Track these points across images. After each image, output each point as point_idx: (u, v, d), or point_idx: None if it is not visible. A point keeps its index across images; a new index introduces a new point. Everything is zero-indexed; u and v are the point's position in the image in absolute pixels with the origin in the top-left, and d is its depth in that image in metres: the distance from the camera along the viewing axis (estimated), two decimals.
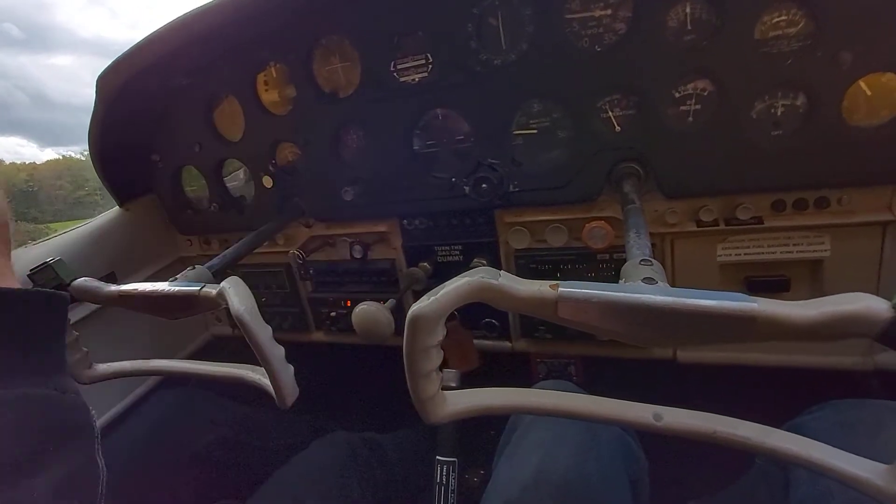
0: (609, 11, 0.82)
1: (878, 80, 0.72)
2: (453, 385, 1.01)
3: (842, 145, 0.75)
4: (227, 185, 1.25)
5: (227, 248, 0.96)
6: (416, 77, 0.96)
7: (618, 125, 0.87)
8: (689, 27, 0.78)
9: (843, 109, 0.74)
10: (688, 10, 0.77)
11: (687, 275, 0.94)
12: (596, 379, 1.19)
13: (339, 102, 1.04)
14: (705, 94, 0.80)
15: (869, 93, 0.73)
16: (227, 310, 0.59)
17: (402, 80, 0.97)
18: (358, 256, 1.11)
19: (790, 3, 0.72)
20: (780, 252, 0.86)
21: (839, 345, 0.87)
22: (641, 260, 0.54)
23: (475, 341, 1.12)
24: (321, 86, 1.05)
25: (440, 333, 0.45)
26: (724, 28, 0.75)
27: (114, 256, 1.20)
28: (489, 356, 1.14)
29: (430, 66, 0.94)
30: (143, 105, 1.14)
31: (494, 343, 1.14)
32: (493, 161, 0.95)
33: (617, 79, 0.84)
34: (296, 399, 0.64)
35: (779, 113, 0.78)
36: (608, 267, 0.96)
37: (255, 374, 0.67)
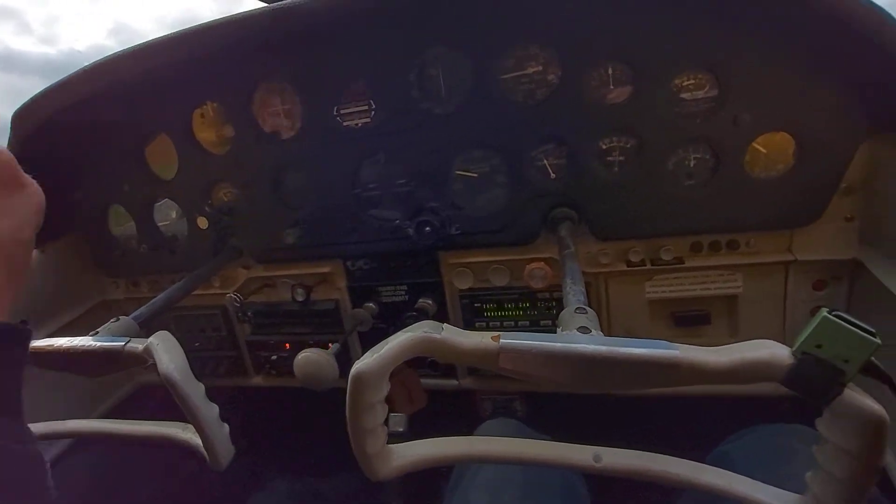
0: (540, 69, 0.88)
1: (773, 137, 0.81)
2: (400, 429, 1.00)
3: (745, 194, 0.84)
4: (158, 224, 1.19)
5: (158, 289, 0.91)
6: (359, 122, 0.97)
7: (552, 173, 0.92)
8: (611, 87, 0.85)
9: (746, 163, 0.83)
10: (609, 71, 0.84)
11: (621, 311, 0.99)
12: (540, 414, 1.21)
13: (280, 144, 1.03)
14: (628, 146, 0.87)
15: (764, 150, 0.82)
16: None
17: (346, 124, 0.98)
18: (300, 300, 1.09)
19: (698, 68, 0.81)
20: (700, 289, 0.93)
21: None
22: (577, 308, 0.56)
23: (422, 380, 1.12)
24: (262, 127, 1.04)
25: (384, 389, 0.45)
26: (641, 88, 0.83)
27: (27, 302, 1.10)
28: (436, 395, 1.13)
29: (373, 112, 0.96)
30: (65, 141, 1.07)
31: (441, 381, 1.14)
32: (434, 205, 0.97)
33: (549, 131, 0.89)
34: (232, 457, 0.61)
35: (691, 165, 0.86)
36: (548, 305, 1.00)
37: (185, 433, 0.63)
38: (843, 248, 0.84)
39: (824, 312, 0.36)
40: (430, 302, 1.05)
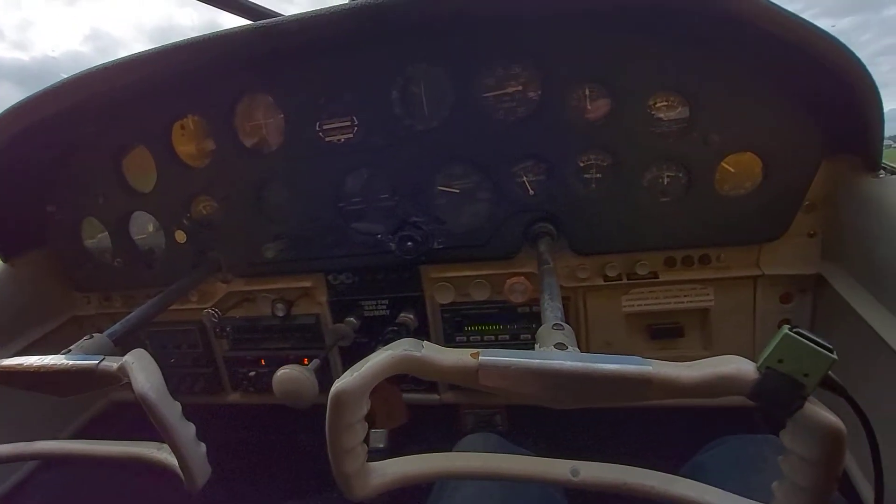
0: (520, 88, 0.90)
1: (741, 157, 0.85)
2: (381, 446, 0.99)
3: (716, 211, 0.87)
4: (134, 237, 1.17)
5: (132, 304, 0.88)
6: (342, 138, 0.98)
7: (532, 189, 0.94)
8: (589, 106, 0.88)
9: (716, 181, 0.87)
10: (587, 92, 0.87)
11: (599, 324, 1.01)
12: (521, 428, 1.22)
13: (262, 158, 1.03)
14: (605, 164, 0.90)
15: (733, 169, 0.86)
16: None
17: (328, 139, 0.99)
18: (281, 315, 1.08)
19: (670, 90, 0.85)
20: (674, 303, 0.96)
21: None
22: (554, 324, 0.58)
23: (403, 395, 1.12)
24: (243, 141, 1.04)
25: (364, 408, 0.45)
26: (618, 108, 0.86)
27: None
28: (418, 409, 1.13)
29: (356, 128, 0.97)
30: (37, 155, 1.05)
31: (423, 396, 1.14)
32: (417, 219, 0.98)
33: (528, 148, 0.91)
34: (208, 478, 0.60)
35: (665, 182, 0.89)
36: (528, 319, 1.01)
37: (160, 453, 0.61)
38: (806, 263, 0.88)
39: (786, 329, 0.38)
40: (411, 316, 1.05)
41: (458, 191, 0.97)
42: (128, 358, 0.58)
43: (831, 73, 0.70)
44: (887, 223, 0.72)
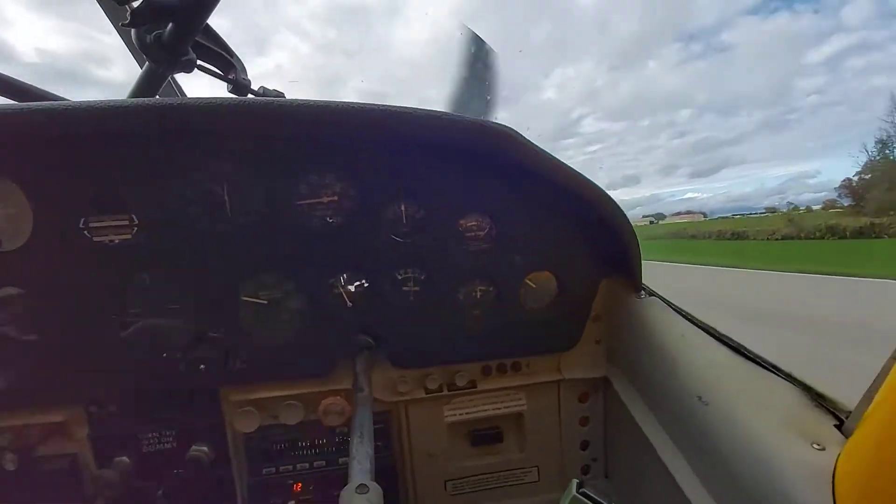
0: (336, 199, 0.86)
1: (540, 275, 0.93)
2: None
3: (523, 323, 0.94)
4: None
5: None
6: (116, 238, 0.81)
7: (349, 301, 0.89)
8: (405, 221, 0.88)
9: (521, 296, 0.93)
10: (403, 207, 0.88)
11: (422, 436, 0.98)
12: None
13: None
14: (422, 278, 0.90)
15: (534, 285, 0.94)
16: None
17: (97, 239, 0.80)
18: (11, 468, 0.80)
19: (480, 213, 0.90)
20: (492, 409, 0.98)
21: None
22: (358, 486, 0.51)
23: None
24: None
25: None
26: (432, 225, 0.88)
27: None
28: None
29: (135, 227, 0.81)
30: None
31: None
32: (215, 334, 0.84)
33: (346, 259, 0.87)
34: None
35: (478, 296, 0.92)
36: (346, 441, 0.92)
37: None
38: (596, 367, 0.99)
39: (573, 491, 0.38)
40: (205, 449, 0.87)
41: (265, 301, 0.87)
42: None
43: (598, 215, 0.82)
44: (644, 338, 0.84)
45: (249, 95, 1.05)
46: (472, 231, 0.90)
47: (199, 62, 0.89)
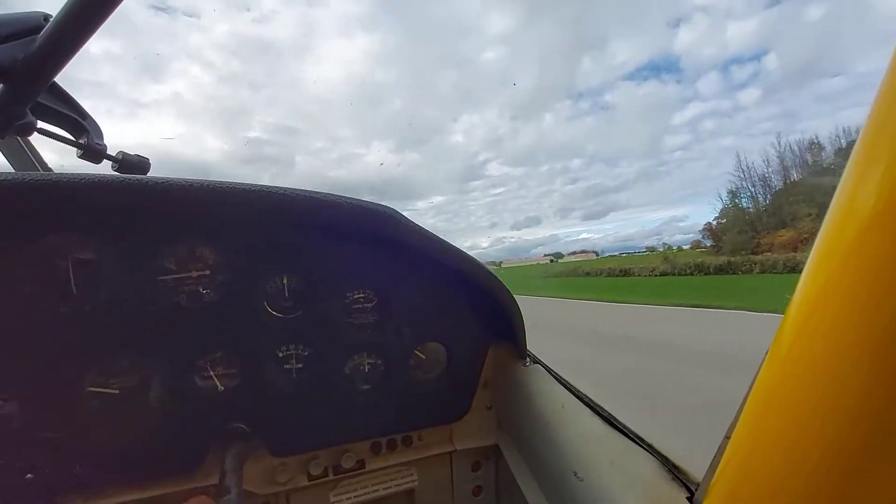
0: (208, 272, 0.79)
1: (429, 346, 0.93)
2: None
3: (413, 395, 0.92)
4: None
5: None
6: None
7: (221, 384, 0.81)
8: (287, 295, 0.83)
9: (411, 367, 0.92)
10: (284, 280, 0.83)
11: None
12: None
13: None
14: (305, 354, 0.85)
15: (424, 357, 0.93)
16: None
17: None
18: None
19: (367, 285, 0.88)
20: (383, 489, 0.93)
21: None
22: None
23: None
24: None
25: None
26: (316, 298, 0.84)
27: None
28: None
29: None
30: None
31: None
32: (51, 435, 0.71)
33: (218, 337, 0.79)
34: None
35: (367, 370, 0.89)
36: None
37: None
38: (487, 435, 0.99)
39: None
40: None
41: (117, 391, 0.76)
42: None
43: (480, 288, 0.85)
44: (528, 408, 0.87)
45: (106, 162, 0.94)
46: (360, 303, 0.88)
47: (41, 125, 0.79)
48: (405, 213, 0.77)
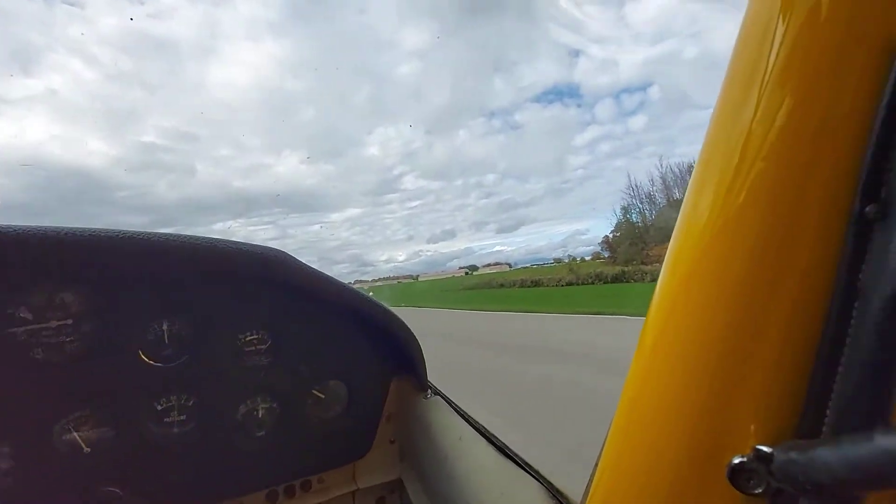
0: (70, 321, 0.71)
1: (329, 384, 0.91)
2: None
3: (312, 437, 0.89)
4: None
5: None
6: None
7: (86, 446, 0.72)
8: (167, 342, 0.77)
9: (309, 407, 0.89)
10: (165, 326, 0.77)
11: None
12: None
13: None
14: (189, 404, 0.79)
15: (323, 395, 0.91)
16: None
17: None
18: None
19: (260, 326, 0.84)
20: None
21: None
22: None
23: None
24: None
25: None
26: (203, 343, 0.78)
27: None
28: None
29: None
30: None
31: None
32: None
33: (83, 394, 0.71)
34: None
35: (261, 415, 0.85)
36: None
37: None
38: (391, 469, 0.99)
39: None
40: None
41: None
42: None
43: (378, 325, 0.85)
44: (428, 440, 0.88)
45: None
46: (253, 345, 0.84)
47: None
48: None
